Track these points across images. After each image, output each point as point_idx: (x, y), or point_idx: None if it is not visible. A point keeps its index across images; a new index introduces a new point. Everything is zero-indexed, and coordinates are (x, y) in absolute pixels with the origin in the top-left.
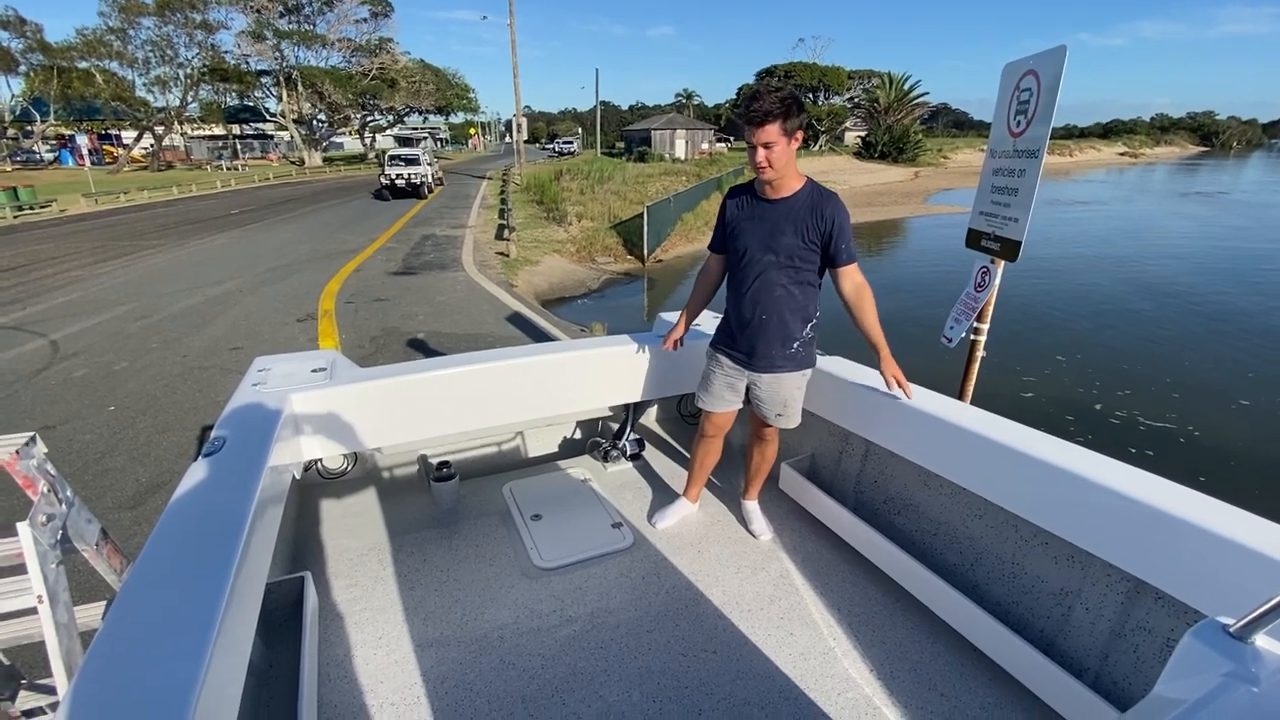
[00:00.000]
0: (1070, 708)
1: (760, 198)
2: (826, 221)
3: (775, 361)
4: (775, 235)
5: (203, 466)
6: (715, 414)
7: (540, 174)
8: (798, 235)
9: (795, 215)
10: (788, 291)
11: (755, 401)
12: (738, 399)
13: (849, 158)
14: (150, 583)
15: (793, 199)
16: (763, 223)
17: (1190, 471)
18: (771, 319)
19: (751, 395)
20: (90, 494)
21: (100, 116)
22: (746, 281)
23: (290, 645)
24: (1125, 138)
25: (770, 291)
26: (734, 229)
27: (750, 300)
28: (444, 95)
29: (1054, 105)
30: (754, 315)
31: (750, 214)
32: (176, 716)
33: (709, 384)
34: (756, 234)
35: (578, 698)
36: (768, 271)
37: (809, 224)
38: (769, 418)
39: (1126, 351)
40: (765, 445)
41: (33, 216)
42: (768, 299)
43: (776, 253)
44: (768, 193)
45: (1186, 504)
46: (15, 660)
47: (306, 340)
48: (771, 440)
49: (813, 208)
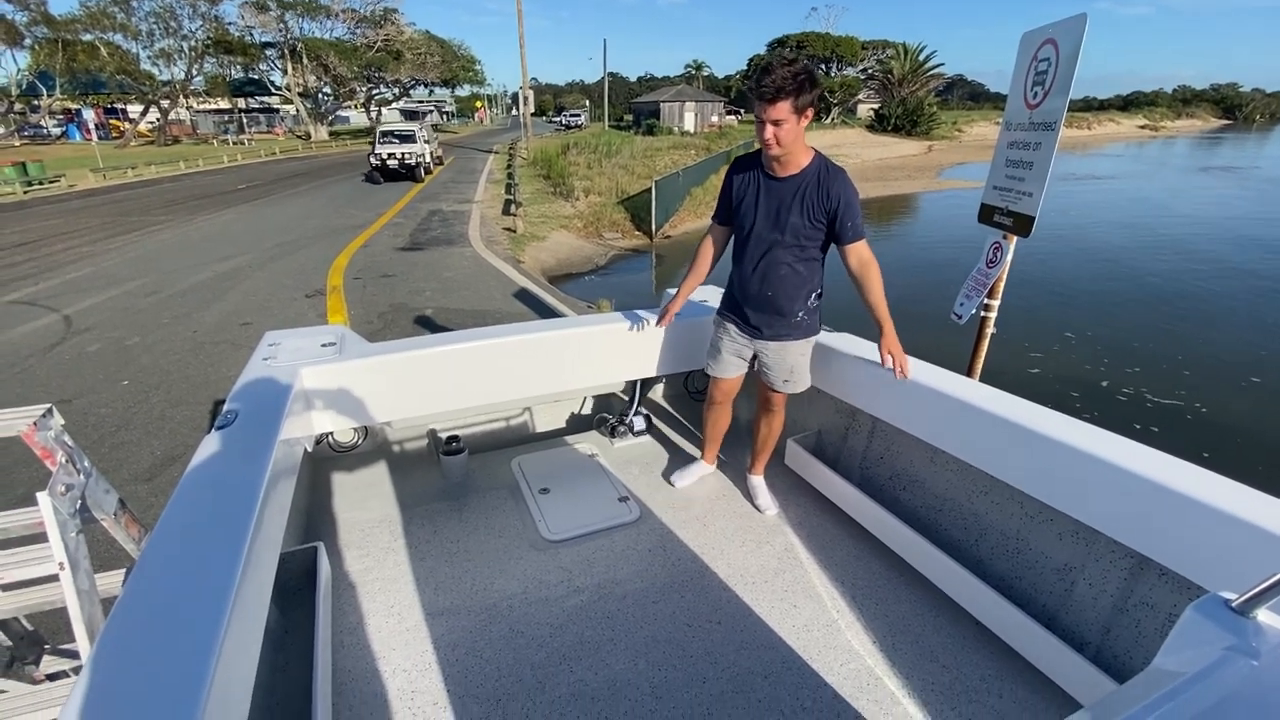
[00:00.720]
0: (1070, 680)
1: (768, 173)
2: (834, 200)
3: (780, 331)
4: (782, 214)
5: (216, 440)
6: (724, 380)
7: (547, 148)
8: (804, 215)
9: (802, 193)
10: (793, 269)
11: (762, 368)
12: (744, 365)
13: (861, 130)
14: (168, 552)
15: (800, 175)
16: (770, 200)
17: (1195, 448)
18: (778, 294)
19: (759, 363)
20: (107, 466)
21: (106, 90)
22: (753, 258)
23: (304, 613)
24: (1146, 110)
25: (776, 270)
26: (740, 204)
27: (757, 276)
28: (449, 67)
29: (1073, 76)
30: (760, 290)
31: (757, 190)
32: (197, 680)
33: (717, 351)
34: (763, 211)
35: (585, 665)
36: (774, 250)
37: (816, 202)
38: (776, 384)
39: (1138, 329)
40: (772, 416)
41: (42, 192)
42: (774, 276)
43: (783, 232)
44: (775, 169)
45: (1193, 481)
46: (39, 626)
47: (315, 316)
48: (778, 410)
49: (820, 184)
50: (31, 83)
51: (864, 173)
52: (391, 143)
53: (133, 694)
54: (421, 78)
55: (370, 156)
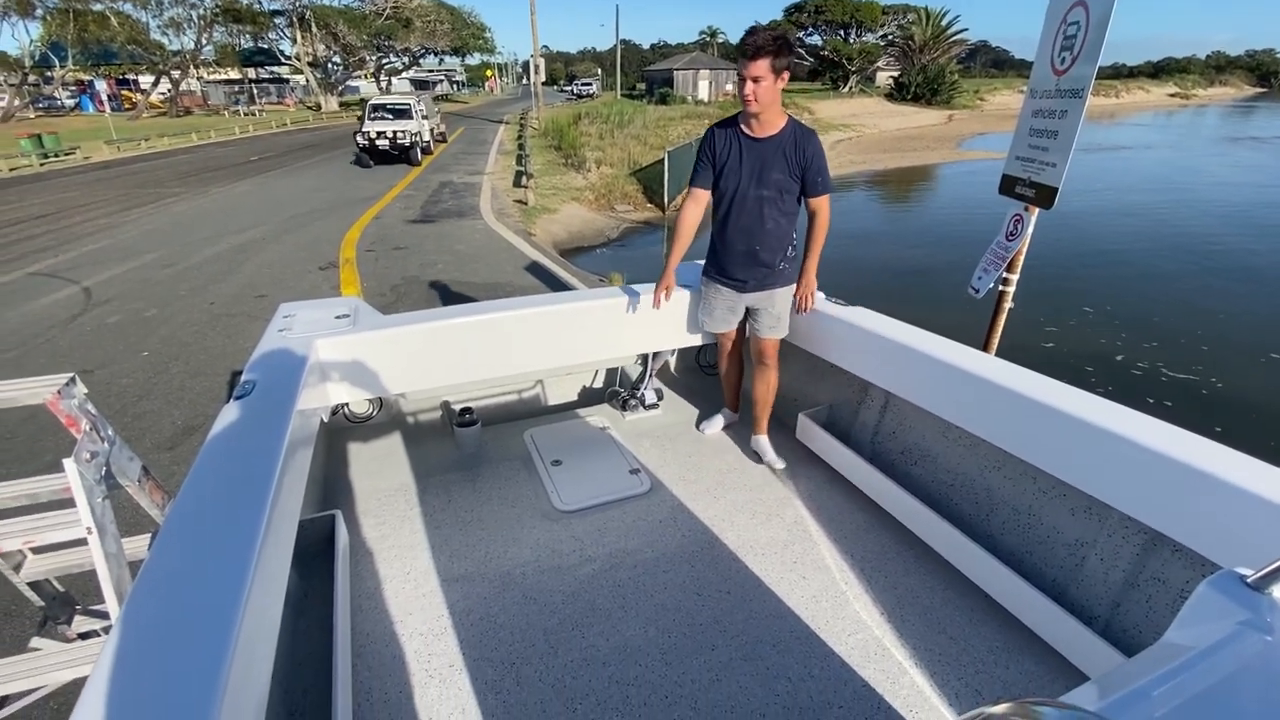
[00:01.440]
0: (1078, 653)
1: (749, 135)
2: (808, 157)
3: (766, 281)
4: (765, 172)
5: (235, 409)
6: (720, 335)
7: (558, 118)
8: (785, 170)
9: (782, 150)
10: (776, 223)
11: (752, 320)
12: (737, 318)
13: (879, 99)
14: (191, 517)
15: (778, 136)
16: (752, 159)
17: (1208, 422)
18: (763, 248)
19: (749, 315)
20: (130, 435)
21: (117, 61)
22: (739, 215)
23: (323, 579)
24: (1177, 77)
25: (762, 224)
26: (724, 166)
27: (744, 233)
28: (459, 35)
29: (1103, 41)
30: (748, 246)
31: (740, 151)
32: (222, 640)
33: (711, 310)
34: (747, 170)
35: (596, 631)
36: (759, 205)
37: (793, 158)
38: (765, 330)
39: (1159, 303)
40: (767, 372)
41: (58, 164)
42: (759, 230)
43: (767, 187)
44: (755, 129)
45: (1209, 457)
46: (69, 588)
47: (329, 288)
48: (772, 366)
49: (795, 144)
50: (44, 54)
51: (881, 144)
52: (383, 118)
53: (161, 653)
54: (431, 46)
55: (356, 135)
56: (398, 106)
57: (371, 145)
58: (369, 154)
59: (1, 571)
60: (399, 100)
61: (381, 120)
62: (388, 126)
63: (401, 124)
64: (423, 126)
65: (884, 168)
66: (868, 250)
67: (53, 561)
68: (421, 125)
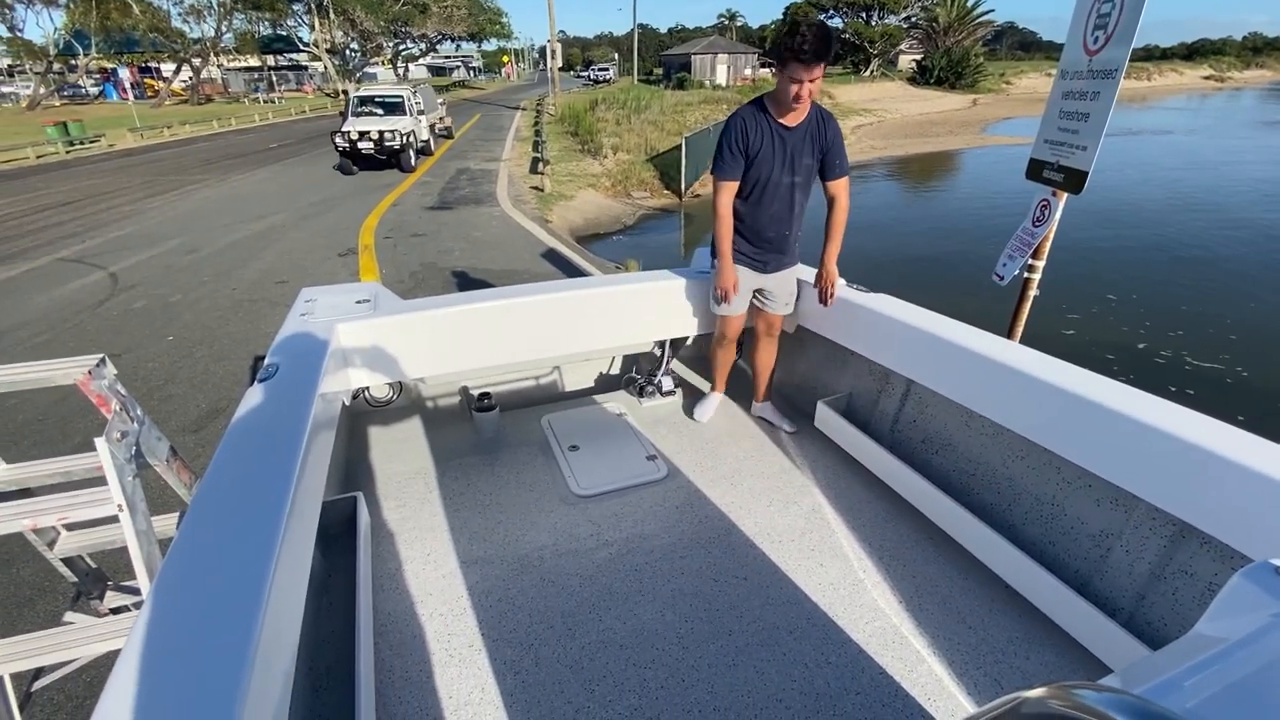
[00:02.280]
0: (1101, 645)
1: (779, 123)
2: (829, 139)
3: (785, 262)
4: (797, 159)
5: (259, 392)
6: (734, 318)
7: (575, 104)
8: (812, 155)
9: (810, 137)
10: (802, 207)
11: (766, 299)
12: (749, 299)
13: (901, 83)
14: (218, 497)
15: (806, 122)
16: (784, 147)
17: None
18: (792, 232)
19: (762, 295)
20: (156, 418)
21: (139, 48)
22: (770, 202)
23: (345, 559)
24: (1212, 59)
25: (791, 210)
26: (757, 154)
27: (775, 219)
28: (476, 21)
29: (1138, 20)
30: (777, 231)
31: (773, 140)
32: (249, 616)
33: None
34: (779, 158)
35: (613, 615)
36: (792, 192)
37: (817, 143)
38: (779, 309)
39: (1187, 292)
40: (772, 343)
41: (83, 152)
42: (788, 216)
43: (798, 174)
44: (788, 119)
45: (1241, 447)
46: (101, 564)
47: (348, 275)
48: (775, 338)
49: (820, 128)
50: (68, 42)
51: (903, 129)
52: (370, 115)
53: (191, 628)
54: (448, 32)
55: (335, 136)
56: (389, 99)
57: (353, 148)
58: (350, 157)
59: (36, 548)
60: (390, 92)
61: (368, 117)
62: (373, 125)
63: (391, 122)
64: (418, 124)
65: (905, 153)
66: (888, 237)
67: (85, 538)
68: (417, 123)
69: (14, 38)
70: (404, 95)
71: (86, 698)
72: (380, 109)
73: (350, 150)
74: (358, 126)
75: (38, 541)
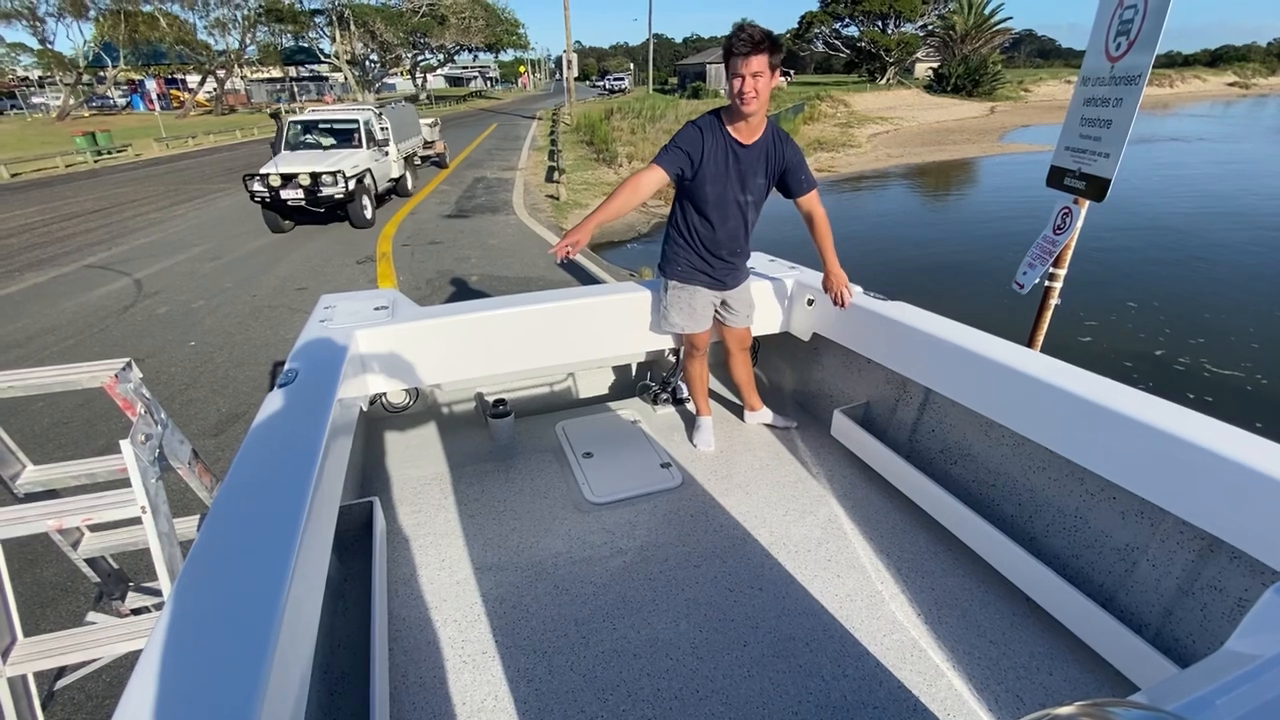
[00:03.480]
0: (1126, 661)
1: (735, 141)
2: (787, 160)
3: (740, 276)
4: (749, 179)
5: (279, 397)
6: (700, 334)
7: (590, 113)
8: (767, 176)
9: (765, 157)
10: (752, 225)
11: (728, 314)
12: (712, 314)
13: (918, 91)
14: (238, 500)
15: (761, 141)
16: (739, 167)
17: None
18: (744, 248)
19: (724, 310)
20: (178, 422)
21: (166, 60)
22: (724, 220)
23: (361, 563)
24: (1236, 66)
25: (745, 228)
26: (708, 170)
27: (729, 236)
28: (494, 32)
29: (1162, 26)
30: (731, 247)
31: (727, 158)
32: (267, 619)
33: (693, 311)
34: (734, 177)
35: (627, 624)
36: (744, 210)
37: (774, 164)
38: (743, 321)
39: (1210, 301)
40: (745, 354)
41: (111, 161)
42: (742, 233)
43: (750, 193)
44: (744, 135)
45: (1272, 459)
46: (123, 565)
47: (366, 282)
48: (747, 350)
49: (775, 148)
50: (97, 54)
51: (920, 136)
52: (308, 149)
53: (210, 630)
54: (466, 43)
55: (250, 180)
56: (338, 125)
57: (274, 196)
58: (276, 210)
59: (61, 548)
60: (340, 116)
61: (305, 151)
62: (306, 165)
63: (334, 159)
64: (379, 159)
65: (922, 161)
66: (904, 246)
67: (108, 539)
68: (378, 158)
69: (45, 49)
70: (359, 120)
71: (106, 697)
72: (326, 138)
73: (272, 200)
74: (283, 167)
75: (62, 542)
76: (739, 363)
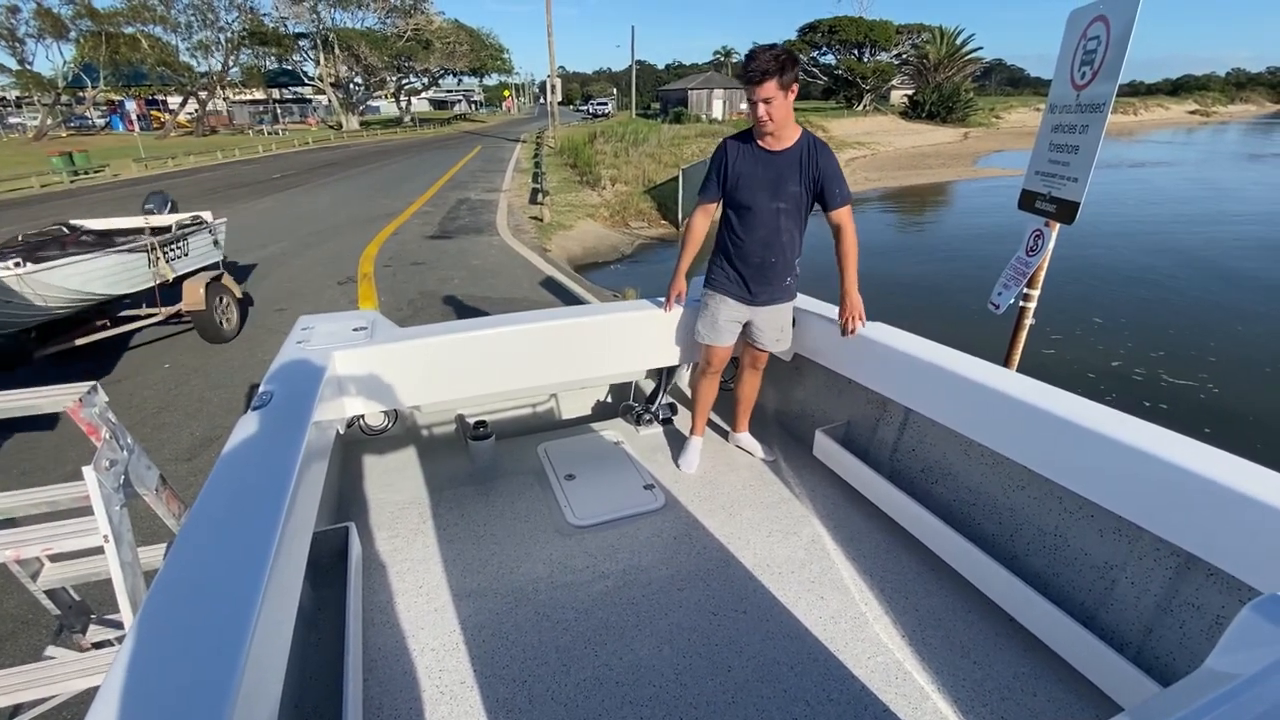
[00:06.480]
0: (1108, 680)
1: (764, 149)
2: (822, 169)
3: (775, 295)
4: (782, 185)
5: (253, 420)
6: (720, 349)
7: (574, 136)
8: (801, 183)
9: (799, 164)
10: (791, 235)
11: (755, 332)
12: (737, 332)
13: (894, 118)
14: (206, 528)
15: (795, 148)
16: (769, 172)
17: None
18: (780, 260)
19: (751, 328)
20: (150, 446)
21: (147, 82)
22: (756, 229)
23: (336, 591)
24: (1197, 94)
25: (779, 237)
26: (739, 179)
27: (761, 245)
28: (478, 56)
29: (1124, 55)
30: (764, 259)
31: (755, 164)
32: (234, 651)
33: (714, 322)
34: (765, 184)
35: (610, 650)
36: (777, 218)
37: (809, 172)
38: (768, 345)
39: (1172, 318)
40: (756, 376)
41: (88, 181)
42: (777, 243)
43: (785, 200)
44: (770, 144)
45: (1245, 476)
46: (85, 597)
47: (347, 302)
48: (761, 369)
49: (810, 156)
50: (77, 75)
51: (897, 161)
52: None
53: (172, 663)
54: (450, 67)
55: None
56: None
57: None
58: None
59: (20, 579)
60: None
61: None
62: None
63: None
64: None
65: (899, 185)
66: (882, 267)
67: (69, 570)
68: None
69: (23, 70)
70: None
71: None
72: None
73: None
74: None
75: (21, 573)
76: (747, 380)
